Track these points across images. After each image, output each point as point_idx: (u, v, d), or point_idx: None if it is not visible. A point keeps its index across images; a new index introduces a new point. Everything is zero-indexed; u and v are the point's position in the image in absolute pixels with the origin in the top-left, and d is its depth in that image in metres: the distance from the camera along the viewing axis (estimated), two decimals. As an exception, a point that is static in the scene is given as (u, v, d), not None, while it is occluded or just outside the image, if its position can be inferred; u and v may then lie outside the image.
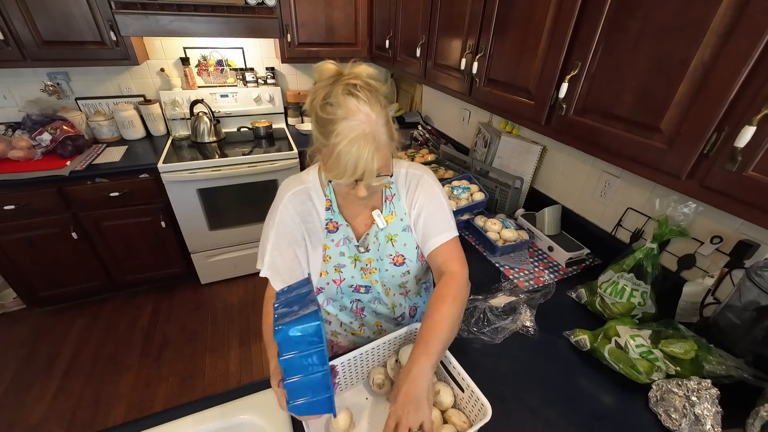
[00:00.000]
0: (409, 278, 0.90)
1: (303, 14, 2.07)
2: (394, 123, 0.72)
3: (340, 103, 0.63)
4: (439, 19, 1.43)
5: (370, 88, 0.66)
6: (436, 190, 0.86)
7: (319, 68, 0.69)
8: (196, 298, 2.38)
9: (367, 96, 0.65)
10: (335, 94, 0.64)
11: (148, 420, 0.74)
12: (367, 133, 0.63)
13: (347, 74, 0.67)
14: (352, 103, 0.64)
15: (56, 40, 1.75)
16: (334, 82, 0.66)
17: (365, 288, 0.88)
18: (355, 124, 0.63)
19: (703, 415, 0.71)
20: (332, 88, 0.65)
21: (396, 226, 0.86)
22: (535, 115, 1.02)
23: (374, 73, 0.69)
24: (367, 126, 0.64)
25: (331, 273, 0.85)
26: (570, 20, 0.86)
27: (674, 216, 0.92)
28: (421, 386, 0.65)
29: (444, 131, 2.21)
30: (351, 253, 0.84)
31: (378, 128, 0.65)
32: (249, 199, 2.21)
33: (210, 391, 1.81)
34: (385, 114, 0.68)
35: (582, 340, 0.92)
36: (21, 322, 2.17)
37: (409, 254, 0.87)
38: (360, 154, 0.63)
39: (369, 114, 0.64)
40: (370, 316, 0.94)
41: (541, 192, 1.53)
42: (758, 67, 0.58)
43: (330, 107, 0.64)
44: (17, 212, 1.80)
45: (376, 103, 0.66)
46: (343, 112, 0.63)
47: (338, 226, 0.83)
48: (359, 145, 0.62)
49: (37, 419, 1.69)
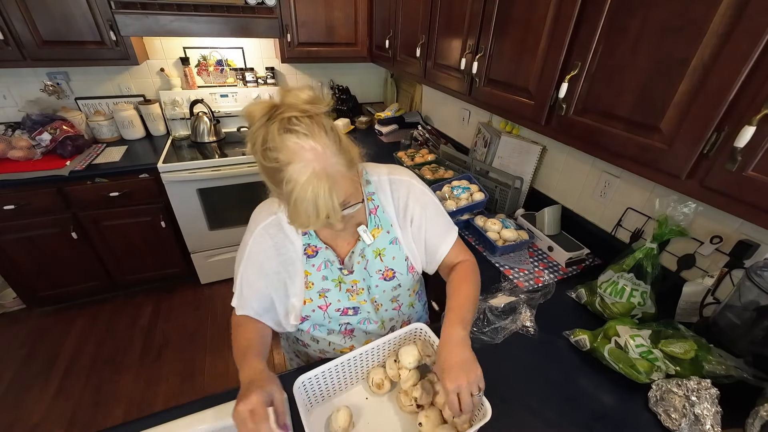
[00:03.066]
0: (401, 291, 0.88)
1: (303, 14, 2.07)
2: (348, 138, 0.64)
3: (279, 146, 0.56)
4: (439, 19, 1.43)
5: (309, 115, 0.58)
6: (427, 194, 0.84)
7: (247, 111, 0.61)
8: (196, 298, 2.38)
9: (307, 127, 0.57)
10: (272, 135, 0.56)
11: (148, 420, 0.74)
12: (318, 171, 0.56)
13: (280, 107, 0.59)
14: (292, 141, 0.56)
15: (56, 40, 1.75)
16: (268, 120, 0.58)
17: (353, 309, 0.83)
18: (301, 166, 0.56)
19: (703, 415, 0.71)
20: (268, 129, 0.57)
21: (383, 239, 0.81)
22: (535, 115, 1.02)
23: (310, 95, 0.60)
24: (316, 163, 0.56)
25: (316, 299, 0.80)
26: (570, 20, 0.86)
27: (674, 216, 0.92)
28: (465, 350, 0.69)
29: (444, 131, 2.21)
30: (334, 276, 0.79)
31: (329, 159, 0.58)
32: (249, 199, 2.21)
33: (210, 391, 1.81)
34: (335, 138, 0.60)
35: (582, 340, 0.92)
36: (21, 322, 2.17)
37: (398, 267, 0.83)
38: (316, 197, 0.56)
39: (314, 148, 0.57)
40: (360, 335, 0.89)
41: (541, 192, 1.53)
42: (758, 67, 0.58)
43: (270, 152, 0.57)
44: (17, 212, 1.80)
45: (320, 132, 0.58)
46: (285, 155, 0.56)
47: (317, 250, 0.78)
48: (313, 188, 0.56)
49: (37, 419, 1.69)
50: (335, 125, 0.63)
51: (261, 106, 0.59)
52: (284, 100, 0.60)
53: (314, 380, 0.72)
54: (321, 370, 0.72)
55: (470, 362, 0.67)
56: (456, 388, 0.64)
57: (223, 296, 2.40)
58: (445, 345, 0.70)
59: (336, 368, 0.74)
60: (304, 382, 0.70)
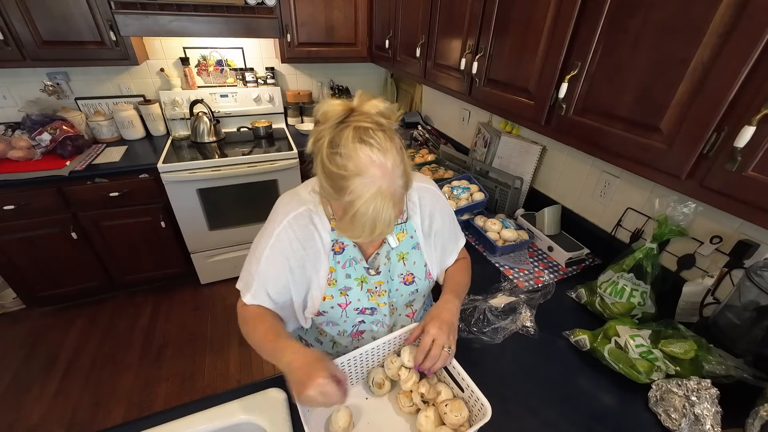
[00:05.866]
0: (417, 296, 0.89)
1: (303, 14, 2.07)
2: (407, 158, 0.62)
3: (351, 154, 0.55)
4: (439, 19, 1.43)
5: (383, 128, 0.57)
6: (448, 204, 0.89)
7: (322, 109, 0.59)
8: (196, 298, 2.38)
9: (381, 141, 0.56)
10: (345, 141, 0.55)
11: (148, 420, 0.74)
12: (383, 189, 0.55)
13: (356, 113, 0.58)
14: (365, 153, 0.55)
15: (56, 40, 1.75)
16: (341, 122, 0.57)
17: (371, 310, 0.83)
18: (369, 181, 0.54)
19: (703, 415, 0.71)
20: (340, 133, 0.56)
21: (407, 244, 0.82)
22: (535, 115, 1.02)
23: (386, 107, 0.59)
24: (383, 181, 0.55)
25: (337, 297, 0.79)
26: (570, 20, 0.86)
27: (674, 216, 0.92)
28: (453, 314, 0.78)
29: (444, 131, 2.21)
30: (358, 274, 0.79)
31: (395, 180, 0.57)
32: (249, 199, 2.21)
33: (210, 391, 1.81)
34: (402, 157, 0.59)
35: (582, 340, 0.92)
36: (21, 322, 2.17)
37: (418, 272, 0.85)
38: (377, 215, 0.55)
39: (384, 165, 0.55)
40: (368, 339, 0.87)
41: (541, 192, 1.53)
42: (758, 67, 0.58)
43: (339, 158, 0.55)
44: (17, 212, 1.80)
45: (392, 148, 0.57)
46: (355, 165, 0.54)
47: (344, 247, 0.77)
48: (376, 206, 0.55)
49: (37, 419, 1.69)
50: (403, 145, 0.61)
51: (337, 107, 0.58)
52: (361, 106, 0.58)
53: (314, 380, 0.72)
54: (321, 370, 0.72)
55: (454, 325, 0.77)
56: (436, 333, 0.73)
57: (223, 296, 2.40)
58: (442, 305, 0.79)
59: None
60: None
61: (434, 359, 0.71)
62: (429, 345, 0.72)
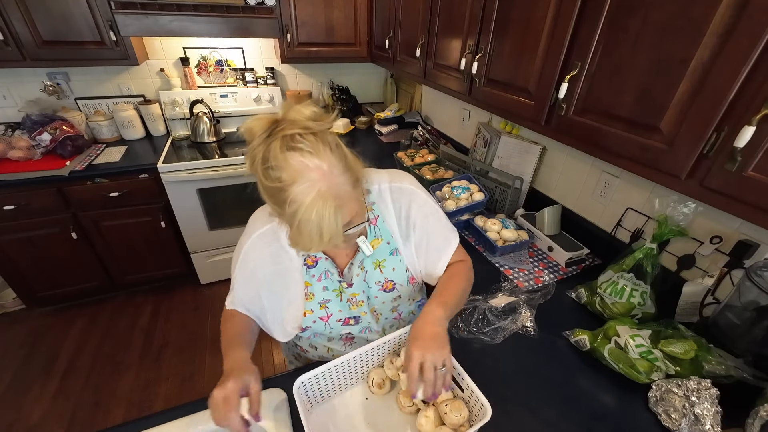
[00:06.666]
0: (401, 302, 0.87)
1: (303, 14, 2.07)
2: (353, 153, 0.61)
3: (282, 165, 0.53)
4: (438, 19, 1.43)
5: (313, 132, 0.55)
6: (429, 202, 0.81)
7: (246, 127, 0.57)
8: (196, 298, 2.38)
9: (312, 144, 0.54)
10: (274, 153, 0.53)
11: (148, 420, 0.74)
12: (323, 191, 0.53)
13: (281, 123, 0.55)
14: (296, 159, 0.53)
15: (56, 40, 1.75)
16: (269, 136, 0.55)
17: (354, 319, 0.82)
18: (306, 186, 0.53)
19: (703, 415, 0.71)
20: (269, 147, 0.54)
21: (383, 250, 0.79)
22: (535, 115, 1.02)
23: (314, 111, 0.57)
24: (322, 183, 0.53)
25: (317, 310, 0.78)
26: (570, 20, 0.86)
27: (674, 216, 0.92)
28: (436, 324, 0.67)
29: (444, 131, 2.21)
30: (335, 285, 0.78)
31: (335, 179, 0.55)
32: (249, 199, 2.15)
33: (210, 392, 1.80)
34: (340, 156, 0.57)
35: (582, 340, 0.92)
36: (21, 323, 2.17)
37: (398, 278, 0.82)
38: (321, 219, 0.53)
39: (320, 167, 0.54)
40: (361, 343, 0.86)
41: (541, 192, 1.53)
42: (758, 67, 0.58)
43: (272, 172, 0.54)
44: (17, 212, 1.80)
45: (326, 149, 0.55)
46: (288, 175, 0.53)
47: (317, 260, 0.76)
48: (318, 210, 0.53)
49: (37, 419, 1.69)
50: (340, 142, 0.60)
51: (261, 121, 0.56)
52: (286, 115, 0.57)
53: (314, 380, 0.72)
54: (321, 371, 0.72)
55: (441, 337, 0.66)
56: (420, 356, 0.63)
57: (222, 296, 2.36)
58: (422, 318, 0.69)
59: (336, 368, 0.74)
60: (304, 382, 0.70)
61: (431, 383, 0.63)
62: (416, 371, 0.63)
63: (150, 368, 1.93)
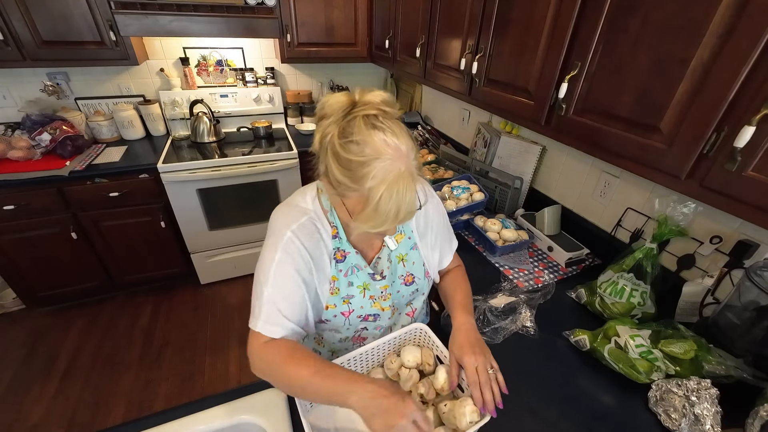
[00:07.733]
0: (417, 296, 0.89)
1: (303, 14, 2.07)
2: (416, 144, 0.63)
3: (367, 140, 0.55)
4: (438, 19, 1.43)
5: (389, 116, 0.58)
6: (440, 203, 0.89)
7: (327, 102, 0.59)
8: (196, 298, 2.38)
9: (392, 126, 0.57)
10: (357, 129, 0.55)
11: (148, 420, 0.74)
12: (403, 171, 0.55)
13: (360, 104, 0.58)
14: (380, 138, 0.55)
15: (56, 40, 1.75)
16: (348, 114, 0.58)
17: (373, 317, 0.81)
18: (389, 164, 0.55)
19: (703, 415, 0.71)
20: (349, 123, 0.57)
21: (405, 245, 0.82)
22: (535, 115, 1.02)
23: (388, 97, 0.60)
24: (401, 163, 0.56)
25: (339, 305, 0.77)
26: (570, 20, 0.86)
27: (674, 216, 0.92)
28: (475, 331, 0.78)
29: (444, 131, 2.21)
30: (360, 281, 0.77)
31: (411, 161, 0.57)
32: (249, 199, 2.21)
33: (210, 392, 1.81)
34: (413, 141, 0.60)
35: (582, 340, 0.92)
36: (20, 323, 2.17)
37: (417, 272, 0.85)
38: (401, 198, 0.55)
39: (399, 148, 0.56)
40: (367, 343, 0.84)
41: (541, 192, 1.53)
42: (758, 67, 0.58)
43: (355, 146, 0.55)
44: (17, 212, 1.80)
45: (403, 131, 0.58)
46: (373, 150, 0.55)
47: (346, 255, 0.75)
48: (399, 189, 0.54)
49: (37, 419, 1.68)
50: (408, 129, 0.62)
51: (341, 100, 0.59)
52: (362, 98, 0.59)
53: (314, 380, 0.72)
54: (321, 370, 0.71)
55: (483, 342, 0.75)
56: (474, 362, 0.70)
57: (223, 296, 2.40)
58: (461, 328, 0.77)
59: (336, 368, 0.74)
60: (304, 382, 0.70)
61: (488, 385, 0.67)
62: (476, 376, 0.68)
63: (150, 368, 1.93)
